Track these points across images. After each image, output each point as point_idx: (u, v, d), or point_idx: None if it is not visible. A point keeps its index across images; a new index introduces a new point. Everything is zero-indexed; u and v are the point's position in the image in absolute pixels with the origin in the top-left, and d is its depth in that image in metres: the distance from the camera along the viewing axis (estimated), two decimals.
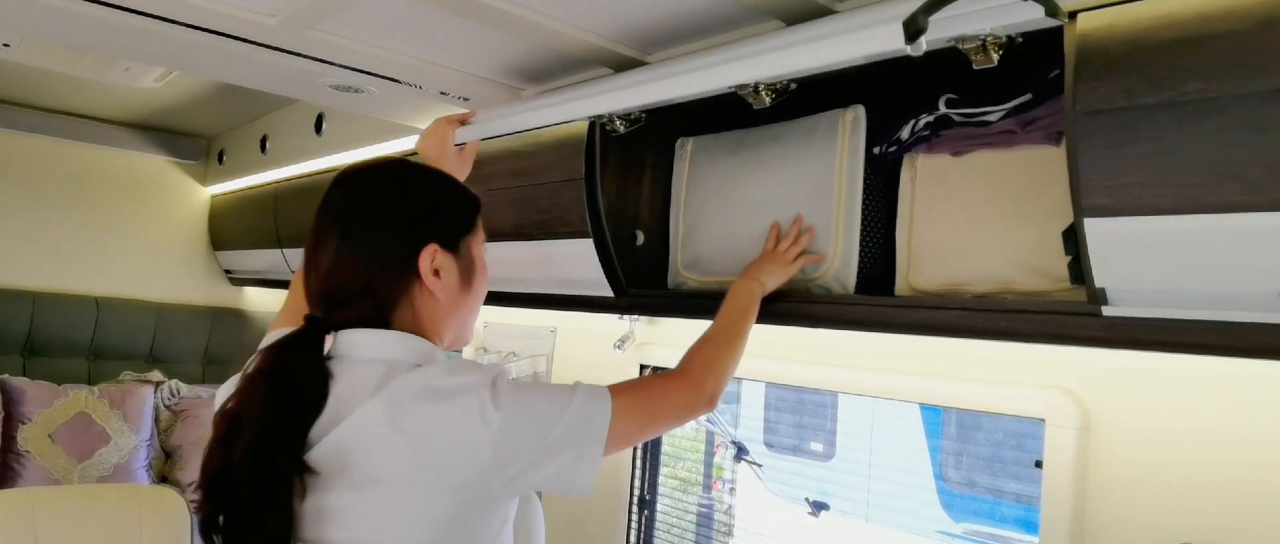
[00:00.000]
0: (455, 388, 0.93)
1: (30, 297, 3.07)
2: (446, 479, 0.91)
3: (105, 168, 3.30)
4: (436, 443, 0.91)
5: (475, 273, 1.08)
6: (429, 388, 0.93)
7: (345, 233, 1.01)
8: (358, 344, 0.99)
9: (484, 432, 0.91)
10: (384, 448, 0.91)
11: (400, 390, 0.93)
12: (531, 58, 1.37)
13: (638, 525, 2.03)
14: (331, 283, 1.01)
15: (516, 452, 0.93)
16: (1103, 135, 0.94)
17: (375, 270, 1.00)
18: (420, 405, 0.92)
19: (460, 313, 1.07)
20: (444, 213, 1.07)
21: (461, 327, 1.09)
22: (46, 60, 2.37)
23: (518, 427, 0.93)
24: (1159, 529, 1.20)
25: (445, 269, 1.03)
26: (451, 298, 1.04)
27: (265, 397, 0.94)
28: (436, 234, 1.03)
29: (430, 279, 1.01)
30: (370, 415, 0.92)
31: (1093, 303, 1.04)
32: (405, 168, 1.09)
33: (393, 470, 0.91)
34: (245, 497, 0.91)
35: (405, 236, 1.02)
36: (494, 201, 1.76)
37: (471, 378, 0.94)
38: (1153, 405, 1.24)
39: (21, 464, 2.62)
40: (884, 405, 2.89)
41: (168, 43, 1.38)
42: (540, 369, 2.21)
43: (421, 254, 1.01)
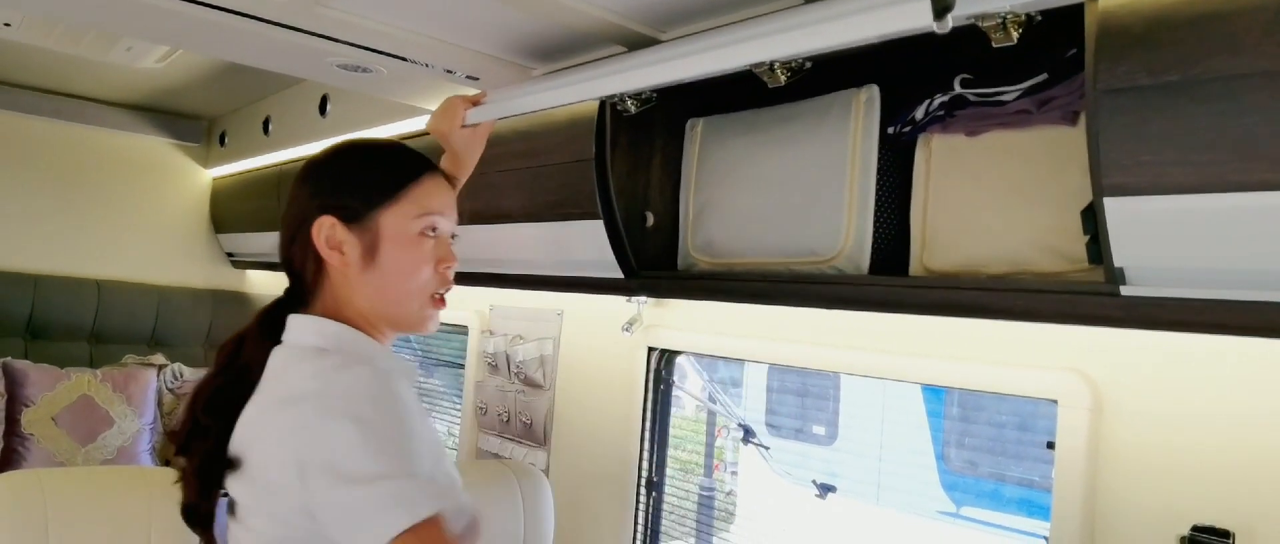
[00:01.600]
0: (296, 395, 0.90)
1: (32, 279, 3.06)
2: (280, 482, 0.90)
3: (106, 150, 3.28)
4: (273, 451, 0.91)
5: (381, 251, 1.00)
6: (287, 388, 0.93)
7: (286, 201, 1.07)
8: (292, 328, 1.01)
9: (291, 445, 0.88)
10: (256, 443, 0.93)
11: (275, 383, 0.95)
12: (542, 35, 1.36)
13: (646, 507, 2.04)
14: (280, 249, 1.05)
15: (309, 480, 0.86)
16: (1123, 114, 0.94)
17: (286, 242, 1.03)
18: (274, 405, 0.94)
19: (376, 294, 1.01)
20: (348, 182, 1.03)
21: (389, 310, 1.03)
22: (47, 40, 2.35)
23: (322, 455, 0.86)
24: (1172, 511, 1.20)
25: (346, 244, 0.99)
26: (353, 277, 1.00)
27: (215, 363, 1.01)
28: (334, 206, 1.00)
29: (328, 253, 0.99)
30: (255, 406, 0.95)
31: (1111, 283, 1.04)
32: (354, 141, 1.11)
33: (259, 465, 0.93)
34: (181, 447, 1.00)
35: (305, 208, 1.01)
36: (502, 183, 1.75)
37: (312, 387, 0.90)
38: (1166, 387, 1.24)
39: (25, 447, 2.62)
40: (889, 389, 2.89)
41: (172, 20, 1.37)
42: (546, 352, 2.21)
43: (314, 226, 0.99)
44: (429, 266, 1.03)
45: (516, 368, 2.27)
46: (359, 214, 1.00)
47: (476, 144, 1.48)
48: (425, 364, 3.02)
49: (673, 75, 1.20)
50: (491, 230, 1.86)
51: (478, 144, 1.49)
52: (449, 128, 1.45)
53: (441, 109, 1.48)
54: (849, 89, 1.36)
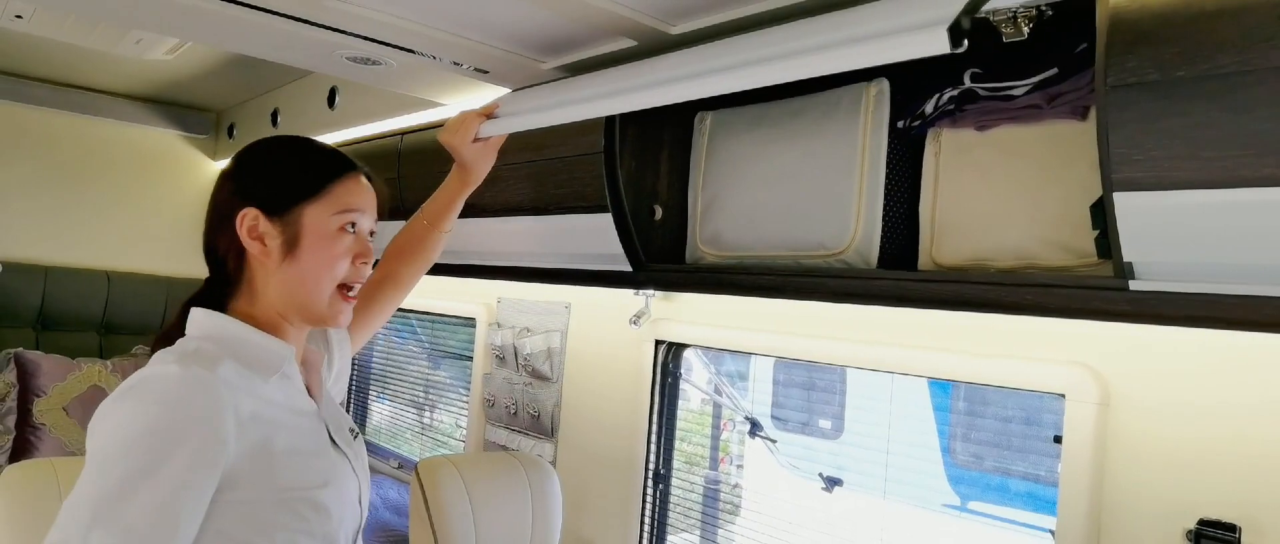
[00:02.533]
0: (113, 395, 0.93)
1: (42, 271, 3.08)
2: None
3: (115, 142, 3.30)
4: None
5: (302, 245, 1.03)
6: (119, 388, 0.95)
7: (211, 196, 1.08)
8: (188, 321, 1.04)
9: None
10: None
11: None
12: (551, 28, 1.36)
13: (653, 499, 2.05)
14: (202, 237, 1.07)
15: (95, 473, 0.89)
16: (1134, 109, 0.94)
17: (212, 231, 1.05)
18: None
19: (293, 286, 1.03)
20: (274, 176, 1.06)
21: (304, 302, 1.04)
22: (58, 31, 2.36)
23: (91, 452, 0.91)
24: (1178, 504, 1.20)
25: (268, 236, 1.02)
26: (274, 266, 1.02)
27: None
28: (258, 198, 1.03)
29: (249, 244, 1.02)
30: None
31: (1120, 277, 1.04)
32: (279, 137, 1.13)
33: None
34: None
35: (230, 198, 1.04)
36: (511, 176, 1.76)
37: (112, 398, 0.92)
38: (1173, 381, 1.24)
39: (37, 436, 2.64)
40: (896, 383, 2.89)
41: (182, 11, 1.37)
42: (554, 345, 2.22)
43: (237, 217, 1.02)
44: (345, 261, 1.05)
45: (524, 360, 2.28)
46: (282, 208, 1.03)
47: (487, 157, 1.49)
48: (433, 356, 3.03)
49: (683, 95, 1.19)
50: (500, 223, 1.87)
51: (488, 157, 1.49)
52: (460, 141, 1.46)
53: (453, 122, 1.48)
54: (859, 83, 1.36)
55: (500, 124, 1.47)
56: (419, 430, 3.08)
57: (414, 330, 3.12)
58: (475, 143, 1.46)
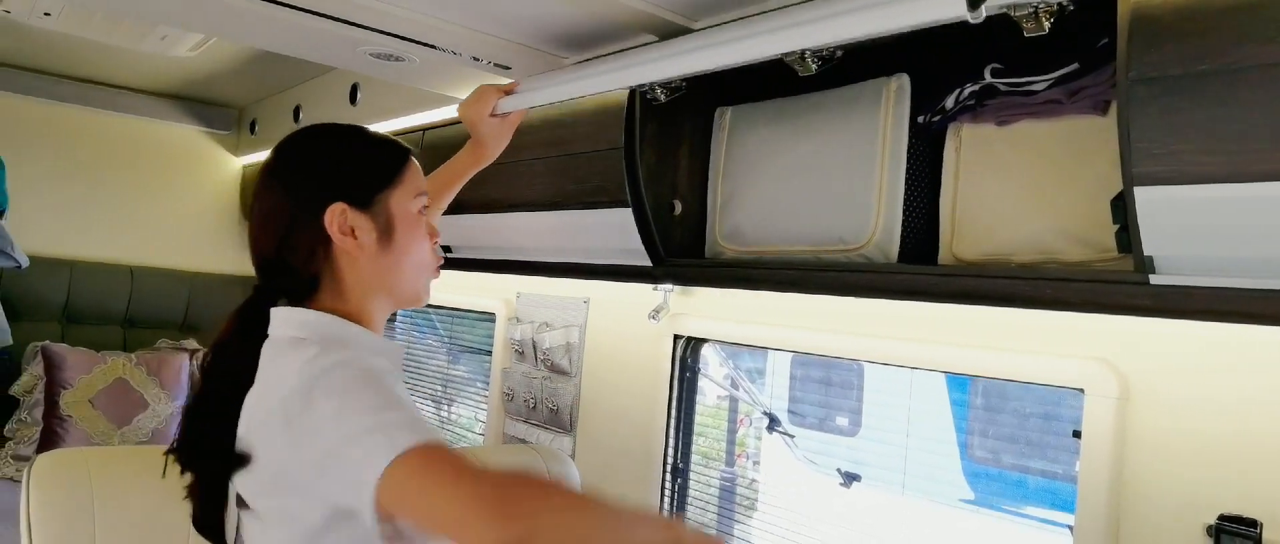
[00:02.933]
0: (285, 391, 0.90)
1: (68, 265, 3.13)
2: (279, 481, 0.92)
3: (139, 138, 3.34)
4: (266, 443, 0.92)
5: (397, 231, 1.04)
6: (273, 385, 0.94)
7: (263, 195, 1.03)
8: (275, 320, 1.01)
9: (282, 438, 0.89)
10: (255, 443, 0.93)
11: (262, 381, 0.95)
12: (574, 24, 1.37)
13: (671, 493, 2.06)
14: (256, 246, 1.03)
15: (304, 459, 0.87)
16: (1155, 103, 0.94)
17: (283, 231, 1.00)
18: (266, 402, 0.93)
19: (388, 275, 1.04)
20: (352, 169, 1.04)
21: (400, 288, 1.06)
22: (85, 29, 2.40)
23: (310, 426, 0.87)
24: (1199, 500, 1.20)
25: (360, 228, 1.01)
26: (371, 259, 1.02)
27: (201, 374, 1.00)
28: (343, 192, 1.01)
29: (342, 239, 1.00)
30: (248, 401, 0.95)
31: (1140, 272, 1.04)
32: (325, 128, 1.09)
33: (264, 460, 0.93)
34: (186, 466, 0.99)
35: (309, 195, 1.01)
36: (531, 171, 1.77)
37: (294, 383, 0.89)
38: (1194, 376, 1.24)
39: (64, 428, 2.68)
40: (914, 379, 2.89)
41: (208, 7, 1.40)
42: (573, 340, 2.23)
43: (326, 213, 1.00)
44: (427, 242, 1.08)
45: (543, 355, 2.30)
46: (367, 199, 1.02)
47: (505, 133, 1.51)
48: (452, 351, 3.05)
49: (703, 64, 1.21)
50: (519, 218, 1.88)
51: (506, 133, 1.51)
52: (479, 115, 1.47)
53: (473, 96, 1.50)
54: (879, 78, 1.36)
55: (519, 99, 1.49)
56: (438, 424, 3.10)
57: (433, 325, 3.15)
58: (493, 118, 1.47)
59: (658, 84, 1.42)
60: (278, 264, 1.01)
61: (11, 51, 2.88)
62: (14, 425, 2.71)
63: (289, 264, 1.01)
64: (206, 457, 0.96)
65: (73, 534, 1.36)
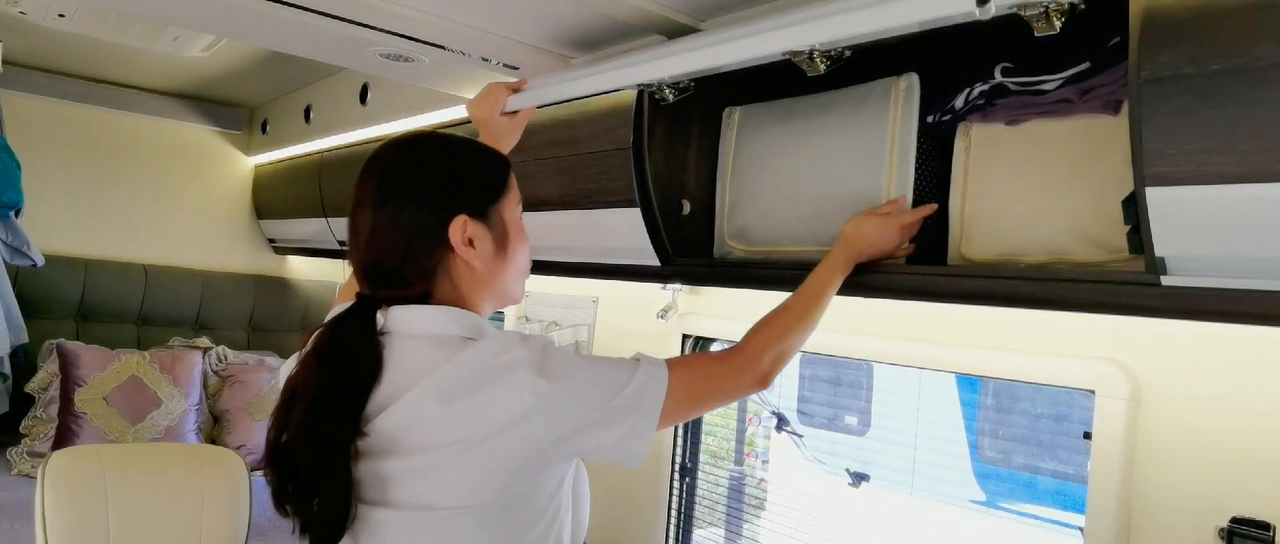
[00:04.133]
0: (504, 365, 0.96)
1: (82, 263, 3.16)
2: (499, 447, 0.94)
3: (151, 137, 3.37)
4: (486, 417, 0.94)
5: (510, 239, 1.08)
6: (480, 369, 0.95)
7: (378, 207, 1.03)
8: (408, 320, 1.01)
9: (533, 401, 0.94)
10: (437, 426, 0.94)
11: (452, 373, 0.95)
12: (582, 24, 1.38)
13: (679, 492, 2.06)
14: (371, 256, 1.03)
15: (568, 419, 0.96)
16: (1167, 103, 0.93)
17: (408, 243, 1.02)
18: (470, 386, 0.95)
19: (500, 280, 1.08)
20: (470, 181, 1.07)
21: (505, 291, 1.10)
22: (99, 29, 2.42)
23: (569, 395, 0.97)
24: (1210, 502, 1.20)
25: (479, 238, 1.03)
26: (488, 266, 1.05)
27: (319, 371, 0.97)
28: (464, 204, 1.03)
29: (464, 249, 1.02)
30: (423, 397, 0.95)
31: (1151, 272, 1.03)
32: (432, 139, 1.11)
33: (447, 440, 0.94)
34: (303, 465, 0.96)
35: (433, 208, 1.03)
36: (540, 171, 1.77)
37: (519, 354, 0.96)
38: (1205, 377, 1.23)
39: (79, 425, 2.71)
40: (923, 379, 2.88)
41: (220, 8, 1.41)
42: (581, 338, 2.24)
43: (451, 225, 1.02)
44: (528, 246, 1.14)
45: None
46: (485, 209, 1.05)
47: (514, 131, 1.51)
48: None
49: (711, 62, 1.21)
50: (528, 218, 1.87)
51: (516, 131, 1.51)
52: (489, 113, 1.48)
53: (483, 94, 1.50)
54: (888, 77, 1.36)
55: (527, 96, 1.49)
56: None
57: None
58: (503, 116, 1.48)
59: (666, 84, 1.42)
60: (397, 276, 1.03)
61: (26, 52, 2.91)
62: (29, 422, 2.73)
63: (409, 273, 1.03)
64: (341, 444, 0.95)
65: (87, 530, 1.38)
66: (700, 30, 1.28)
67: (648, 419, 1.01)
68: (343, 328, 1.01)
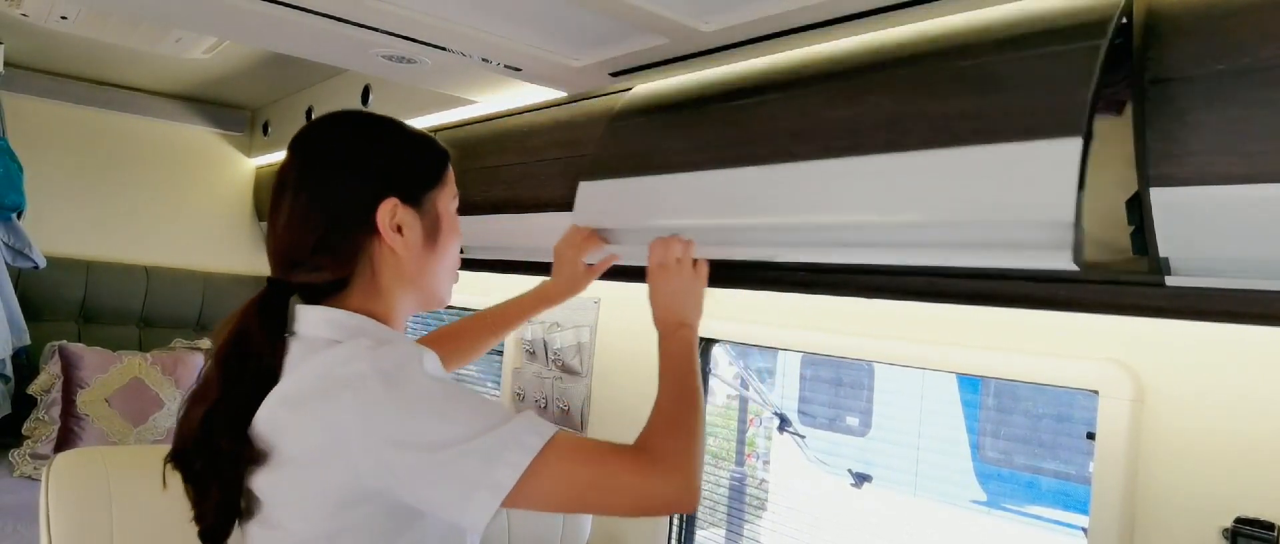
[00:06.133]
0: (343, 379, 0.85)
1: (84, 265, 3.16)
2: (322, 474, 0.86)
3: (153, 139, 3.37)
4: (317, 437, 0.86)
5: (442, 231, 1.02)
6: (321, 377, 0.87)
7: (299, 186, 0.95)
8: (303, 319, 0.95)
9: (358, 430, 0.83)
10: (287, 432, 0.88)
11: (297, 378, 0.89)
12: (584, 25, 1.38)
13: None
14: (288, 241, 0.95)
15: (398, 453, 0.83)
16: (1171, 104, 0.93)
17: (330, 224, 0.94)
18: (309, 394, 0.88)
19: (427, 275, 1.01)
20: (406, 164, 1.00)
21: (432, 288, 1.03)
22: (101, 32, 2.42)
23: (404, 425, 0.84)
24: (1214, 502, 1.19)
25: (408, 225, 0.97)
26: (415, 257, 0.99)
27: (219, 374, 0.92)
28: (396, 186, 0.97)
29: (390, 235, 0.96)
30: (273, 402, 0.89)
31: (1155, 273, 1.03)
32: (363, 118, 1.03)
33: (290, 455, 0.88)
34: (198, 472, 0.92)
35: (361, 188, 0.96)
36: (543, 172, 1.78)
37: (363, 367, 0.85)
38: (1209, 378, 1.23)
39: (81, 427, 2.71)
40: (926, 379, 2.88)
41: (223, 10, 1.41)
42: (584, 340, 2.24)
43: (380, 208, 0.95)
44: (459, 244, 1.07)
45: (554, 355, 2.30)
46: (417, 196, 0.99)
47: (588, 278, 1.51)
48: None
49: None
50: (531, 219, 1.89)
51: (589, 278, 1.51)
52: (576, 254, 1.50)
53: (571, 236, 1.52)
54: None
55: (606, 250, 1.53)
56: None
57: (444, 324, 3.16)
58: (584, 264, 1.49)
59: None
60: (311, 260, 0.95)
61: (29, 54, 2.91)
62: (32, 424, 2.73)
63: (325, 260, 0.95)
64: (230, 457, 0.90)
65: (91, 532, 1.37)
66: (702, 31, 1.28)
67: (502, 478, 0.82)
68: (246, 325, 0.93)
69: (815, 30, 1.20)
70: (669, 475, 0.91)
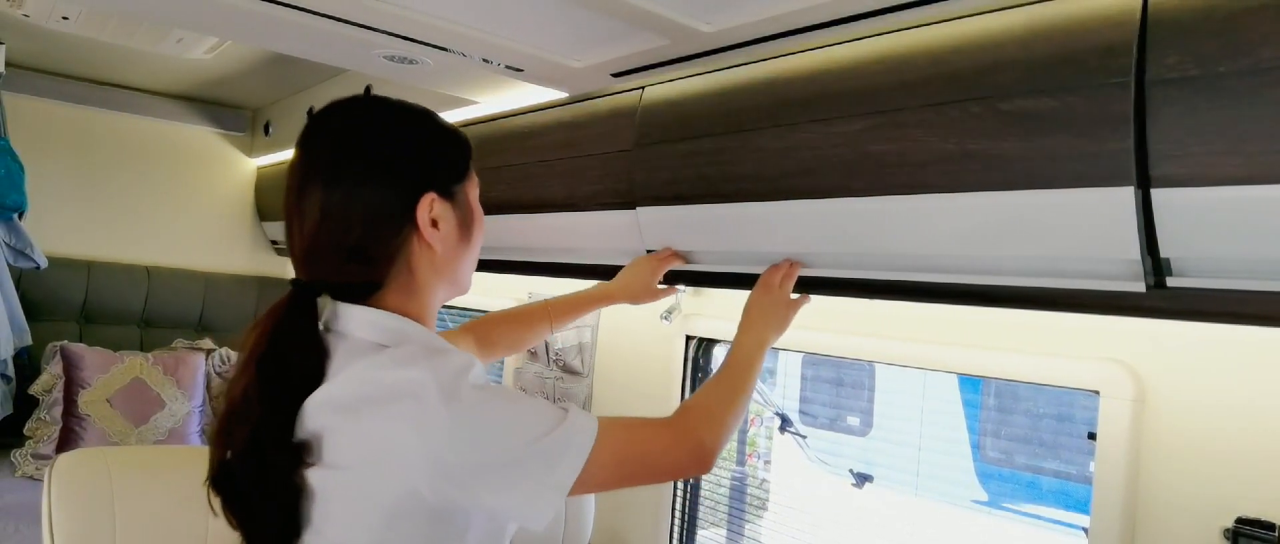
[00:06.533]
0: (395, 389, 0.83)
1: (85, 265, 3.16)
2: (373, 483, 0.84)
3: (154, 139, 3.37)
4: (373, 447, 0.83)
5: (474, 222, 1.00)
6: (371, 382, 0.85)
7: (332, 182, 0.90)
8: (349, 318, 0.92)
9: (416, 442, 0.81)
10: (338, 438, 0.85)
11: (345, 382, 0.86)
12: (584, 26, 1.38)
13: (683, 493, 2.06)
14: (319, 240, 0.90)
15: (461, 466, 0.82)
16: (1173, 104, 0.93)
17: (368, 223, 0.90)
18: (359, 401, 0.85)
19: (458, 266, 0.99)
20: (440, 156, 0.97)
21: (461, 278, 1.01)
22: (102, 32, 2.42)
23: (468, 438, 0.83)
24: (1215, 502, 1.20)
25: (443, 219, 0.94)
26: (450, 250, 0.96)
27: (259, 384, 0.87)
28: (433, 181, 0.93)
29: (428, 231, 0.92)
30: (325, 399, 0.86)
31: (1157, 273, 1.03)
32: (396, 107, 0.97)
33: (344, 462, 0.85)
34: (247, 487, 0.88)
35: (400, 184, 0.92)
36: (545, 172, 1.78)
37: (417, 375, 0.83)
38: (1210, 378, 1.23)
39: (83, 427, 2.71)
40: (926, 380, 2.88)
41: (224, 11, 1.41)
42: (585, 340, 2.24)
43: (419, 204, 0.92)
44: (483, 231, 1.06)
45: (556, 355, 2.30)
46: (451, 189, 0.96)
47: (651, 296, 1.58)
48: None
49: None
50: (533, 219, 1.89)
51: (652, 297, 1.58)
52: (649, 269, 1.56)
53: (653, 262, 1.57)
54: None
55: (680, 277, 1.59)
56: None
57: (446, 325, 3.16)
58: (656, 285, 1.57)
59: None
60: (346, 261, 0.91)
61: (30, 55, 2.91)
62: (33, 424, 2.74)
63: (362, 262, 0.91)
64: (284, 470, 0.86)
65: (94, 532, 1.38)
66: (703, 31, 1.28)
67: (564, 477, 0.85)
68: (282, 332, 0.89)
69: (818, 31, 1.20)
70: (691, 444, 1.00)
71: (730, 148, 1.38)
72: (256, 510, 0.88)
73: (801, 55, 1.30)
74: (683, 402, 1.08)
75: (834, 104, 1.23)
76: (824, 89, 1.25)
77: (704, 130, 1.43)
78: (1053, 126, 1.01)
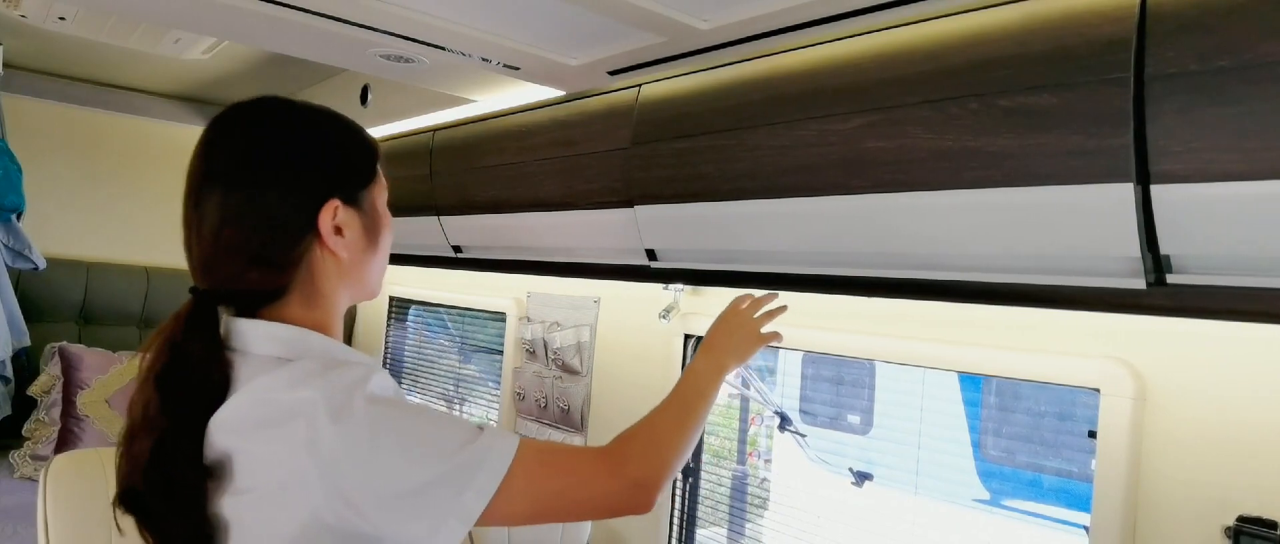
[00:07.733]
0: (290, 409, 0.78)
1: (84, 266, 3.16)
2: (287, 511, 0.78)
3: (152, 140, 3.37)
4: (271, 471, 0.79)
5: (380, 227, 0.96)
6: (264, 403, 0.81)
7: (230, 186, 0.88)
8: (247, 336, 0.87)
9: (309, 465, 0.76)
10: (239, 460, 0.81)
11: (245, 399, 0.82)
12: (580, 24, 1.37)
13: (683, 492, 2.06)
14: (218, 249, 0.87)
15: (357, 488, 0.77)
16: (1173, 100, 0.93)
17: (269, 233, 0.87)
18: (254, 422, 0.81)
19: (364, 271, 0.95)
20: (344, 161, 0.93)
21: (368, 284, 0.97)
22: (99, 32, 2.42)
23: (363, 457, 0.77)
24: (1216, 500, 1.19)
25: (348, 226, 0.91)
26: (355, 257, 0.92)
27: (161, 401, 0.83)
28: (337, 187, 0.90)
29: (332, 239, 0.89)
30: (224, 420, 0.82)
31: (1157, 271, 1.03)
32: (298, 109, 0.93)
33: (248, 485, 0.81)
34: (154, 508, 0.83)
35: (302, 191, 0.88)
36: (542, 172, 1.77)
37: (308, 394, 0.78)
38: (1211, 376, 1.23)
39: (81, 428, 2.71)
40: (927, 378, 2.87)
41: (222, 11, 1.40)
42: (583, 339, 2.23)
43: (322, 211, 0.88)
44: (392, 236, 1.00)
45: (554, 354, 2.30)
46: (356, 194, 0.93)
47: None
48: (464, 350, 3.06)
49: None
50: (530, 218, 1.88)
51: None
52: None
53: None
54: None
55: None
56: None
57: (445, 325, 3.16)
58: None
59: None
60: (246, 270, 0.87)
61: (27, 55, 2.91)
62: (32, 425, 2.73)
63: (263, 270, 0.88)
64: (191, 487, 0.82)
65: (89, 533, 1.37)
66: (700, 29, 1.27)
67: (472, 503, 0.78)
68: (182, 344, 0.85)
69: (814, 27, 1.20)
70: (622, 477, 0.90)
71: (727, 146, 1.37)
72: (170, 531, 0.84)
73: (798, 52, 1.29)
74: (624, 430, 0.96)
75: (831, 101, 1.22)
76: (821, 86, 1.24)
77: (701, 128, 1.42)
78: (1051, 123, 1.00)
